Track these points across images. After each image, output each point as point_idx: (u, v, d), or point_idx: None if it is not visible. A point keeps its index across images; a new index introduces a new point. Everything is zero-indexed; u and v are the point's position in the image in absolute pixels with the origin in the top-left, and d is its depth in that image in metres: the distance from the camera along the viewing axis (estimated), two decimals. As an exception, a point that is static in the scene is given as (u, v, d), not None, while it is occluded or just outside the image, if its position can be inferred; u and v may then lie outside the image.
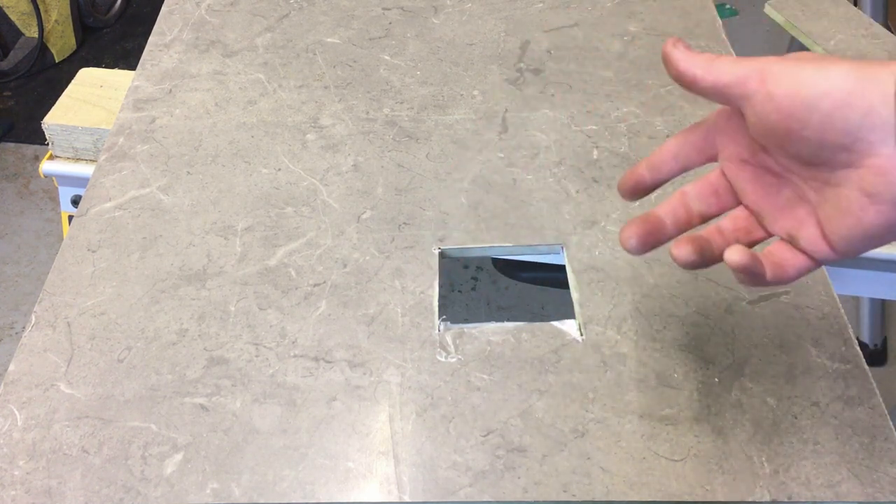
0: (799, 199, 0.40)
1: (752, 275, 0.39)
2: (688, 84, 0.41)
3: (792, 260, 0.40)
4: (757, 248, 0.41)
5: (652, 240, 0.44)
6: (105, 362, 0.55)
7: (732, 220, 0.43)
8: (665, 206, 0.44)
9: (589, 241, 0.63)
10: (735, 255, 0.38)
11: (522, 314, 1.05)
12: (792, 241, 0.40)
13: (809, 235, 0.39)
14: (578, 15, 0.87)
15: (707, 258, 0.41)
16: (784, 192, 0.41)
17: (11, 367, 0.55)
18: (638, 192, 0.45)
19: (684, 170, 0.44)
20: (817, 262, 0.40)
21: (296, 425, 0.52)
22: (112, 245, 0.63)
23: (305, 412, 0.52)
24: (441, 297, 0.59)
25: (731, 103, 0.40)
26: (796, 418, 0.51)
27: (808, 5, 1.13)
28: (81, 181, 0.99)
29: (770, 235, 0.42)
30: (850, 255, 0.38)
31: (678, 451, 0.50)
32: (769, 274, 0.39)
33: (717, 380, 0.53)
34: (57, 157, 0.99)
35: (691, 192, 0.44)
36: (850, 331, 0.56)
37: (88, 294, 0.60)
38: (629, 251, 0.44)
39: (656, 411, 0.52)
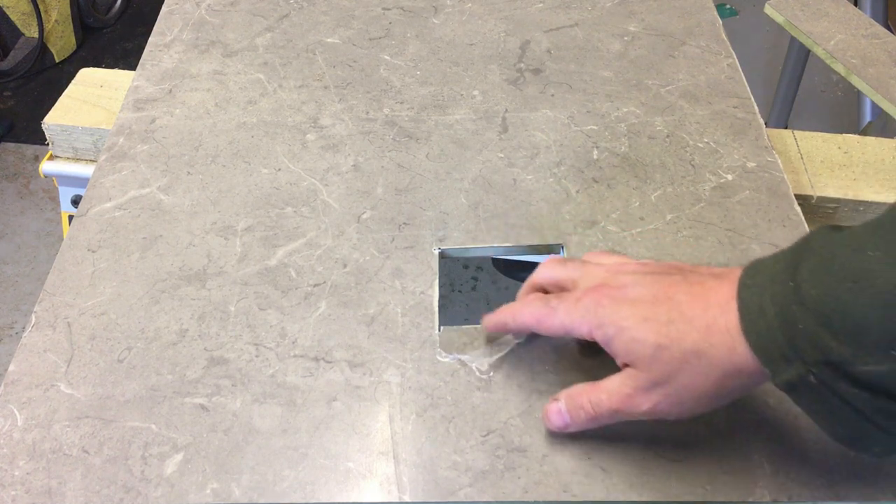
0: None
1: None
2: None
3: None
4: None
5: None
6: (105, 362, 0.55)
7: None
8: None
9: (589, 242, 0.62)
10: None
11: (522, 314, 1.04)
12: None
13: None
14: (578, 15, 0.87)
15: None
16: None
17: (11, 367, 0.55)
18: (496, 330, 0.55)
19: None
20: None
21: (296, 425, 0.52)
22: (112, 245, 0.63)
23: (305, 412, 0.52)
24: (441, 297, 0.59)
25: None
26: (796, 418, 0.51)
27: (808, 5, 1.13)
28: (81, 181, 0.99)
29: None
30: None
31: (678, 451, 0.50)
32: None
33: (717, 380, 0.53)
34: (57, 157, 0.99)
35: None
36: (850, 331, 0.56)
37: (88, 294, 0.60)
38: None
39: (656, 411, 0.52)
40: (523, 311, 0.51)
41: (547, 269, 0.53)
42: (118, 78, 0.90)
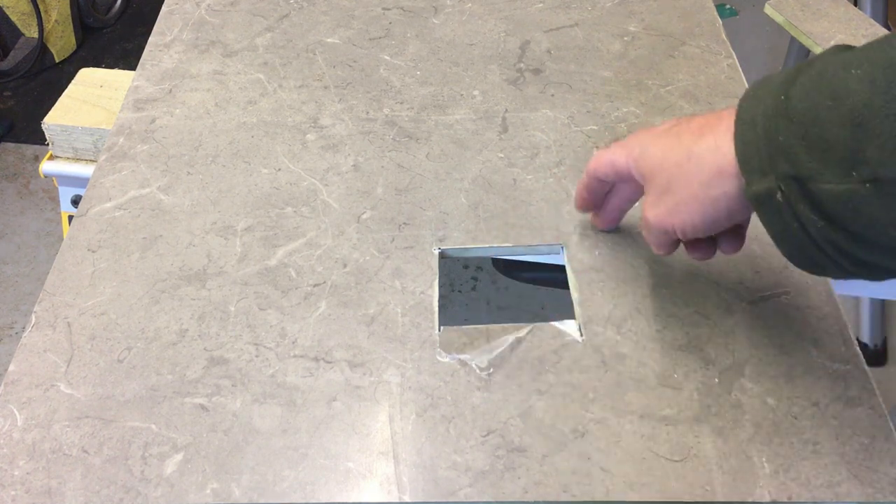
0: None
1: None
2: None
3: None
4: None
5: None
6: (105, 362, 0.55)
7: None
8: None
9: (589, 241, 0.62)
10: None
11: (522, 314, 1.04)
12: None
13: None
14: (578, 15, 0.87)
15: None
16: None
17: (11, 367, 0.55)
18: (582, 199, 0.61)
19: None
20: None
21: (296, 425, 0.52)
22: (112, 245, 0.63)
23: (305, 412, 0.52)
24: (441, 297, 0.59)
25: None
26: (796, 418, 0.51)
27: (808, 5, 1.13)
28: (81, 181, 0.99)
29: None
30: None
31: (678, 451, 0.50)
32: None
33: (717, 380, 0.53)
34: (57, 157, 0.99)
35: None
36: (850, 331, 0.56)
37: (88, 294, 0.60)
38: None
39: (656, 411, 0.52)
40: (590, 163, 0.56)
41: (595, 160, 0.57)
42: (118, 78, 0.90)
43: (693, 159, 0.45)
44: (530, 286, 1.05)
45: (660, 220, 0.49)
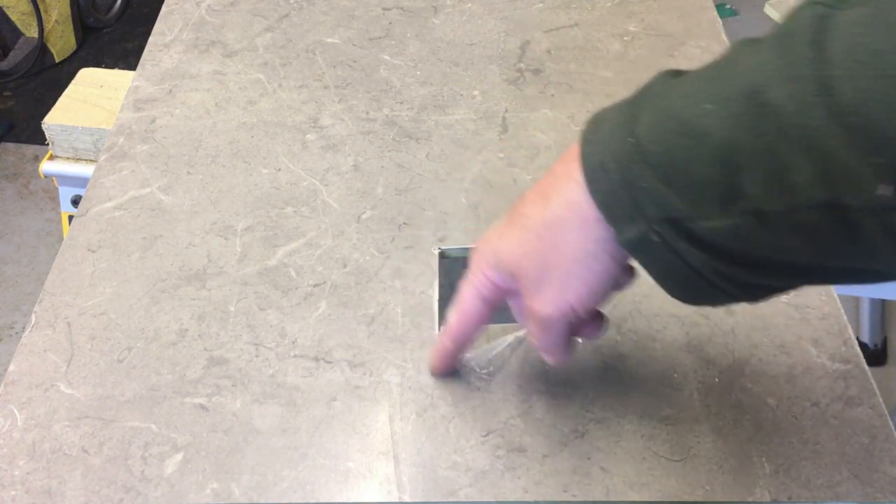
0: None
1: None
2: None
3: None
4: None
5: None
6: (105, 362, 0.55)
7: None
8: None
9: (589, 241, 0.62)
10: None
11: (522, 314, 1.04)
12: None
13: None
14: (578, 15, 0.87)
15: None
16: None
17: (11, 367, 0.55)
18: (448, 366, 0.54)
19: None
20: None
21: (296, 425, 0.52)
22: (112, 245, 0.63)
23: (305, 412, 0.52)
24: (441, 297, 0.59)
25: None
26: (796, 418, 0.51)
27: (808, 5, 1.13)
28: (81, 181, 1.00)
29: None
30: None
31: (678, 451, 0.50)
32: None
33: (717, 380, 0.53)
34: (57, 157, 0.99)
35: None
36: (850, 331, 0.56)
37: (88, 294, 0.60)
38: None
39: (656, 411, 0.52)
40: (446, 325, 0.50)
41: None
42: (118, 78, 0.90)
43: (552, 228, 0.41)
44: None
45: (556, 307, 0.42)
